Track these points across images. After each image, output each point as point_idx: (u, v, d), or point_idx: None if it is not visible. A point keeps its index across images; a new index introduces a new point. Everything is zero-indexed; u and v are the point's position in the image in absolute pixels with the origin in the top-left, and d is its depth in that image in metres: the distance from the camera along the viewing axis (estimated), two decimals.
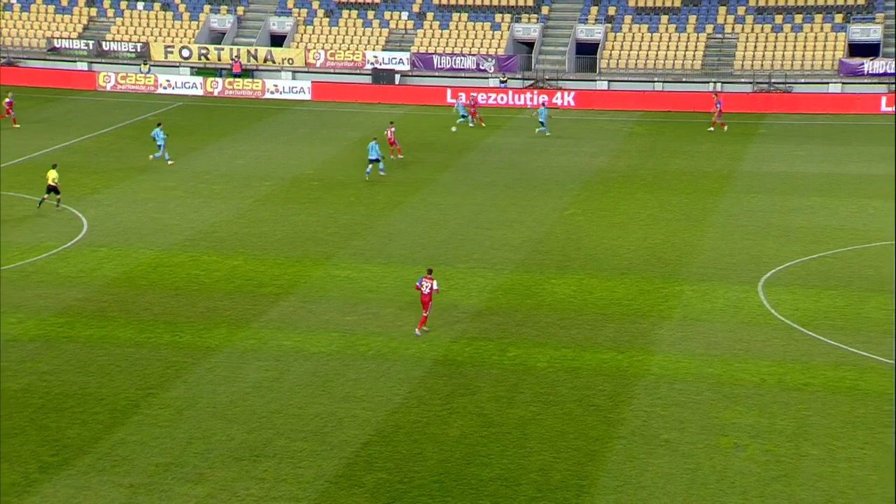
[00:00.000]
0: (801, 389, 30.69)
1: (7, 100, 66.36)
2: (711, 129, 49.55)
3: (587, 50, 75.93)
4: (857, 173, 52.74)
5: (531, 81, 74.30)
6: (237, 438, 28.57)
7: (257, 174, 55.49)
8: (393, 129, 57.47)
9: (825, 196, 49.05)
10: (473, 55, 75.86)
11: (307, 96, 75.46)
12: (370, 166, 53.13)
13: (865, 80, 68.73)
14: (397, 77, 76.15)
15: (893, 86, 67.76)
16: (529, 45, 77.44)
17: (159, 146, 56.73)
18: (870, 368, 31.86)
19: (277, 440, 28.50)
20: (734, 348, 33.56)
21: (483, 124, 63.13)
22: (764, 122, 65.15)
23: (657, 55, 73.92)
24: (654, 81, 72.33)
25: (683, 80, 72.06)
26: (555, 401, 30.46)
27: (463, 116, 64.30)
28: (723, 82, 71.06)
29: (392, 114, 68.84)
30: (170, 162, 56.00)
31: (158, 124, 58.24)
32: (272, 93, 76.07)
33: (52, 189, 48.16)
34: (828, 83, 69.56)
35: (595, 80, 73.80)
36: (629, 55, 74.41)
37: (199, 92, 77.00)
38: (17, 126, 65.42)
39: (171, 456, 27.58)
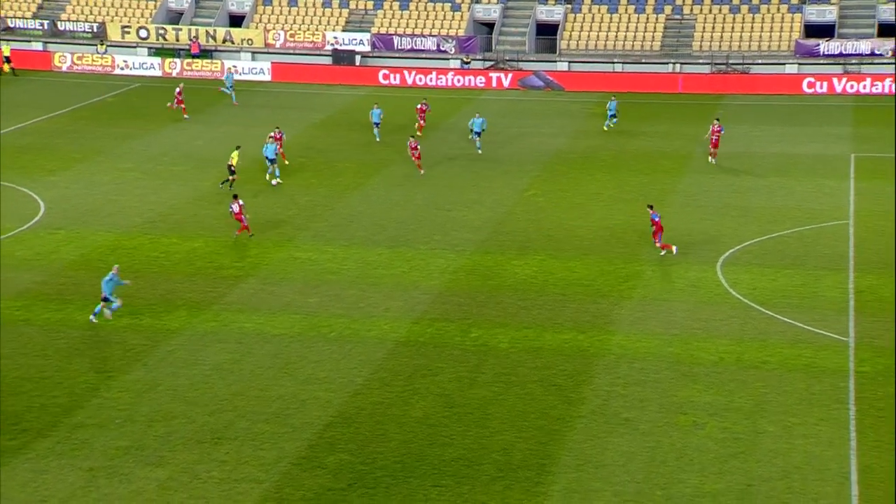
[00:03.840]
0: (758, 367, 31.10)
1: None
2: (712, 160, 49.36)
3: (547, 31, 75.99)
4: (813, 153, 53.31)
5: (492, 62, 74.28)
6: (198, 421, 28.48)
7: (216, 155, 55.02)
8: (425, 105, 57.95)
9: (782, 176, 49.55)
10: (434, 36, 75.69)
11: (267, 77, 74.91)
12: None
13: (821, 61, 69.40)
14: (358, 58, 75.82)
15: (848, 66, 68.49)
16: (490, 26, 77.36)
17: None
18: (825, 346, 32.32)
19: (239, 422, 28.44)
20: (693, 327, 33.91)
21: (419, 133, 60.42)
22: (722, 102, 65.63)
23: (616, 36, 74.14)
24: (613, 62, 72.56)
25: (643, 61, 72.37)
26: (516, 381, 30.64)
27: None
28: (681, 63, 71.43)
29: (354, 94, 68.64)
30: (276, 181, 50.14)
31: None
32: (232, 74, 75.35)
33: None
34: (784, 64, 70.17)
35: (555, 61, 73.92)
36: (589, 36, 74.59)
37: (158, 73, 76.17)
38: None
39: (131, 439, 27.45)
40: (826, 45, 69.61)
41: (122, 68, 76.46)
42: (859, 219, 43.51)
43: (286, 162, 52.57)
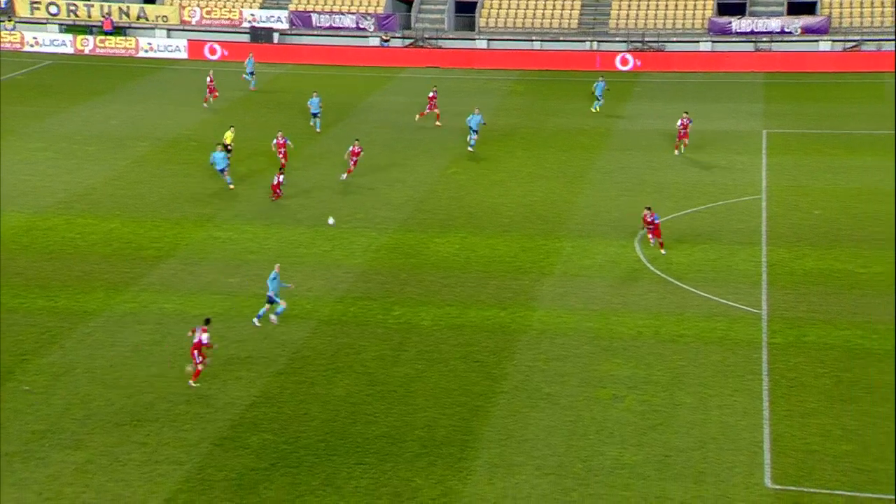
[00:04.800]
0: (675, 341, 31.74)
1: None
2: (676, 151, 49.03)
3: (466, 9, 75.99)
4: (727, 130, 54.33)
5: (411, 40, 74.11)
6: (117, 403, 28.15)
7: (133, 134, 54.15)
8: (435, 93, 56.08)
9: (697, 152, 50.40)
10: (353, 13, 75.19)
11: (183, 55, 73.68)
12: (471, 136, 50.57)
13: (734, 39, 70.62)
14: (276, 36, 74.99)
15: (759, 43, 69.84)
16: (409, 3, 77.07)
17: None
18: (739, 318, 33.10)
19: (159, 404, 28.18)
20: (612, 302, 34.44)
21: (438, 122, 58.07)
22: (639, 80, 66.45)
23: (535, 14, 74.48)
24: (532, 40, 72.93)
25: (561, 38, 72.87)
26: (439, 358, 30.84)
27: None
28: (598, 41, 72.07)
29: (272, 72, 67.94)
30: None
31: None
32: (146, 51, 74.01)
33: None
34: (698, 41, 71.25)
35: (474, 39, 74.02)
36: (507, 14, 74.79)
37: (69, 50, 74.39)
38: None
39: (47, 423, 27.02)
40: (738, 23, 70.83)
41: (31, 45, 74.53)
42: (771, 194, 44.52)
43: (438, 122, 53.94)
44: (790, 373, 29.66)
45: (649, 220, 37.70)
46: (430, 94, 56.13)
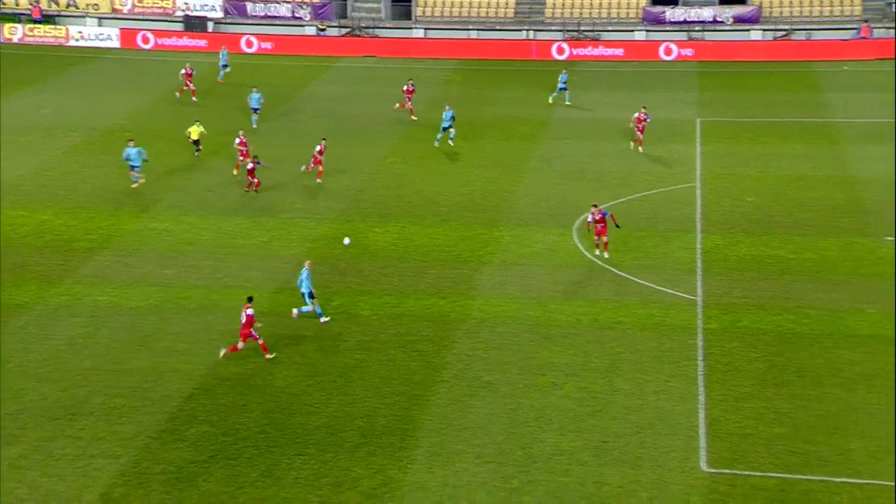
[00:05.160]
0: (612, 328, 32.08)
1: None
2: (634, 145, 48.57)
3: None
4: (661, 118, 54.87)
5: (347, 29, 73.75)
6: (51, 397, 27.73)
7: (64, 124, 53.23)
8: (412, 85, 55.17)
9: (632, 141, 50.85)
10: (288, 2, 74.61)
11: (115, 44, 72.58)
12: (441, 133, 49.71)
13: (667, 28, 71.38)
14: (210, 24, 74.16)
15: (692, 33, 70.69)
16: None
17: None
18: (675, 305, 33.55)
19: (94, 397, 27.83)
20: (550, 290, 34.70)
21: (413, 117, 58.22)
22: (574, 69, 66.87)
23: (471, 3, 74.58)
24: (468, 29, 73.02)
25: (497, 27, 73.05)
26: (379, 347, 30.83)
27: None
28: (534, 30, 72.39)
29: (207, 62, 67.20)
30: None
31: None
32: (77, 40, 72.78)
33: None
34: (633, 31, 71.92)
35: (411, 28, 73.90)
36: (444, 3, 74.80)
37: None
38: None
39: None
40: (671, 13, 71.63)
41: None
42: (705, 182, 45.14)
43: (414, 117, 53.03)
44: (725, 358, 30.15)
45: (598, 217, 35.94)
46: (405, 88, 55.14)
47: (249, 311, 29.52)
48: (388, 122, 54.92)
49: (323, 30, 73.50)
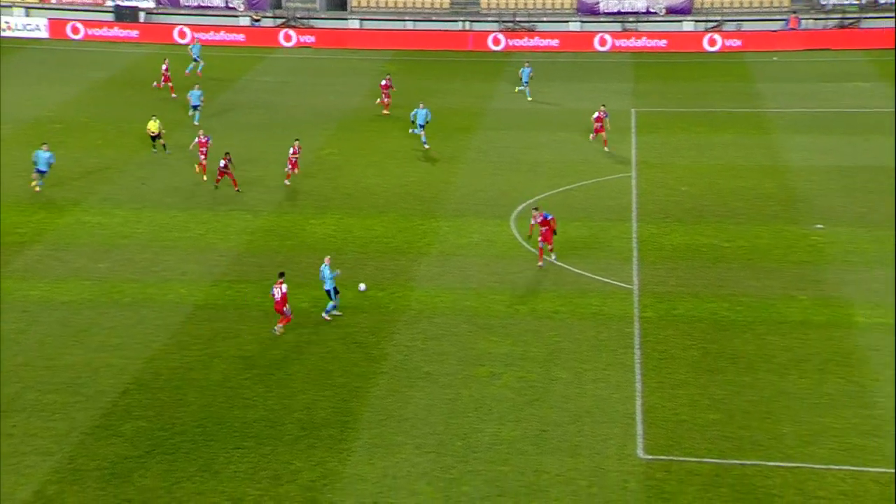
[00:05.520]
0: (550, 317, 32.32)
1: None
2: (599, 142, 47.78)
3: None
4: (595, 108, 55.32)
5: (282, 20, 73.18)
6: None
7: None
8: (389, 80, 53.91)
9: (568, 131, 51.25)
10: None
11: (44, 34, 71.18)
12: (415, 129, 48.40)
13: (602, 19, 71.90)
14: (142, 15, 73.06)
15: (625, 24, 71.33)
16: None
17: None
18: (612, 294, 33.89)
19: (26, 394, 27.37)
20: (489, 280, 34.84)
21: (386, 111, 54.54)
22: (510, 60, 67.11)
23: None
24: (404, 20, 72.88)
25: (433, 18, 73.01)
26: (318, 340, 30.73)
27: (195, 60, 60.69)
28: (470, 20, 72.49)
29: (139, 53, 66.26)
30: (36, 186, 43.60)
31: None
32: (4, 30, 71.25)
33: None
34: (567, 21, 72.35)
35: (347, 19, 73.56)
36: None
37: None
38: None
39: None
40: (605, 4, 72.17)
41: None
42: (641, 171, 45.63)
43: (386, 112, 52.00)
44: (661, 346, 30.54)
45: (540, 219, 34.78)
46: (383, 83, 54.20)
47: (283, 288, 30.20)
48: (324, 113, 54.65)
49: (257, 20, 72.83)
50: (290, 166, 43.31)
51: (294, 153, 43.27)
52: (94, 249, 36.75)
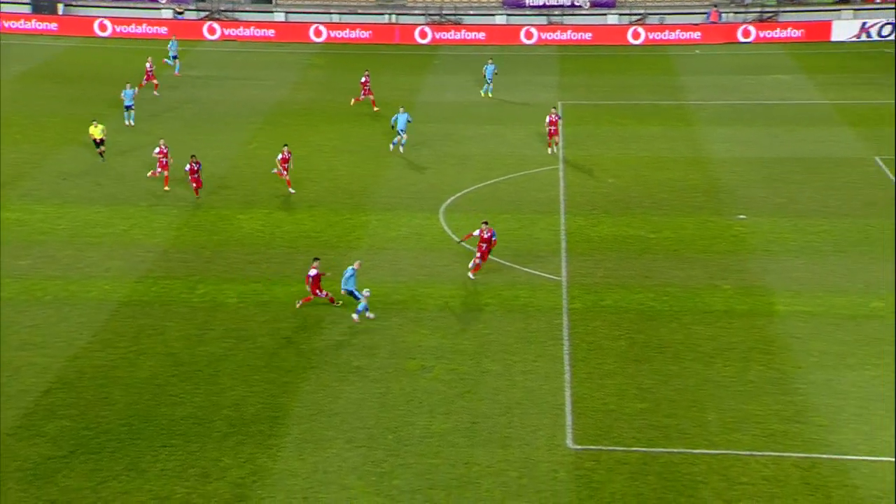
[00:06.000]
0: (480, 310, 32.42)
1: None
2: (551, 150, 46.80)
3: None
4: (524, 101, 55.65)
5: (206, 13, 72.27)
6: None
7: None
8: (367, 77, 52.69)
9: (496, 124, 51.44)
10: None
11: None
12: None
13: (528, 12, 72.27)
14: (61, 7, 71.54)
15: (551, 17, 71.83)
16: None
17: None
18: (540, 286, 34.10)
19: None
20: (418, 274, 34.84)
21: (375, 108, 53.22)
22: (438, 53, 67.14)
23: None
24: (330, 13, 72.48)
25: (359, 11, 72.72)
26: (247, 336, 30.44)
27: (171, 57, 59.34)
28: (397, 13, 72.35)
29: (58, 46, 64.94)
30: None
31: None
32: None
33: None
34: (494, 15, 72.60)
35: (272, 12, 72.91)
36: None
37: None
38: None
39: None
40: None
41: None
42: (568, 164, 45.97)
43: (376, 108, 50.79)
44: (589, 336, 30.82)
45: (486, 236, 33.69)
46: (363, 80, 53.15)
47: (314, 271, 31.08)
48: (250, 107, 54.12)
49: (180, 13, 71.80)
50: (285, 173, 41.17)
51: (284, 159, 41.14)
52: (14, 246, 35.95)
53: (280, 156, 41.53)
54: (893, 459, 24.85)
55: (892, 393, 27.62)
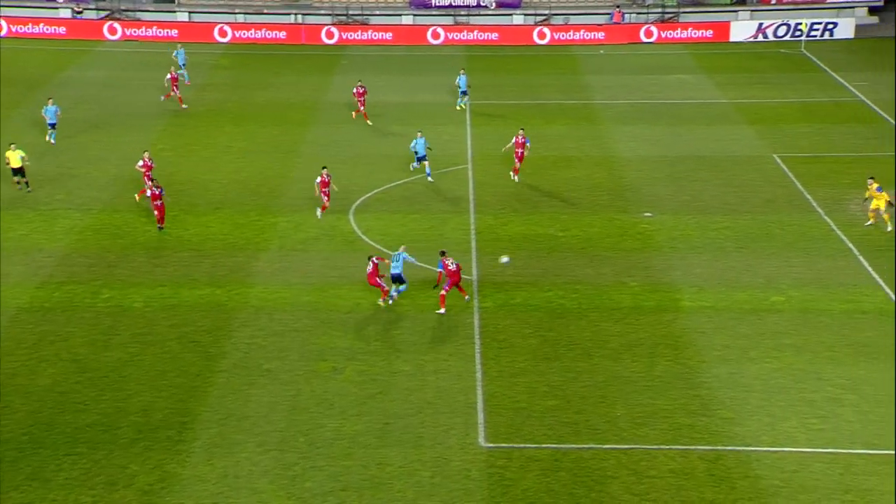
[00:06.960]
0: (391, 310, 32.39)
1: None
2: (515, 177, 44.99)
3: None
4: (432, 101, 55.73)
5: (106, 12, 70.78)
6: None
7: None
8: (360, 87, 50.65)
9: (404, 124, 51.41)
10: None
11: None
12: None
13: (434, 12, 72.42)
14: None
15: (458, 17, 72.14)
16: None
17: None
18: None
19: None
20: (329, 275, 34.66)
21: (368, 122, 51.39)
22: (344, 53, 66.87)
23: None
24: (235, 13, 71.64)
25: (265, 11, 72.02)
26: (153, 340, 29.94)
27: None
28: (303, 13, 71.84)
29: None
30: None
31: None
32: None
33: None
34: (401, 15, 72.58)
35: (174, 12, 71.75)
36: None
37: None
38: None
39: None
40: None
41: None
42: (476, 163, 46.21)
43: (369, 122, 49.48)
44: (500, 335, 31.03)
45: (453, 268, 32.09)
46: (355, 91, 51.11)
47: (370, 265, 31.88)
48: (155, 108, 53.19)
49: (79, 12, 70.17)
50: (325, 197, 39.13)
51: (324, 183, 39.00)
52: None
53: (319, 178, 39.25)
54: (893, 453, 25.40)
55: (792, 384, 28.41)
